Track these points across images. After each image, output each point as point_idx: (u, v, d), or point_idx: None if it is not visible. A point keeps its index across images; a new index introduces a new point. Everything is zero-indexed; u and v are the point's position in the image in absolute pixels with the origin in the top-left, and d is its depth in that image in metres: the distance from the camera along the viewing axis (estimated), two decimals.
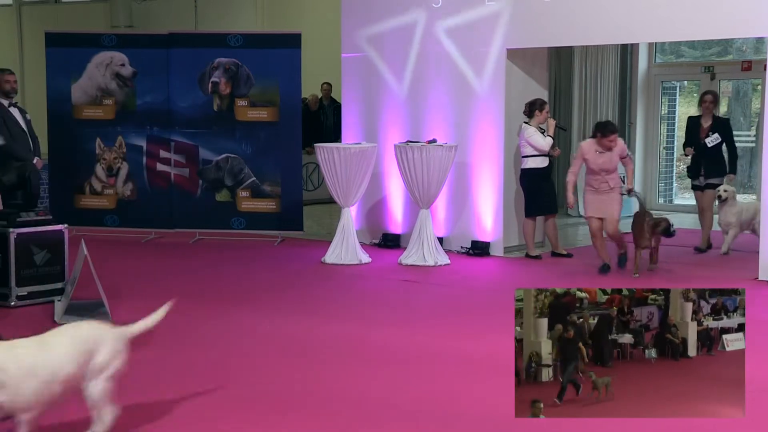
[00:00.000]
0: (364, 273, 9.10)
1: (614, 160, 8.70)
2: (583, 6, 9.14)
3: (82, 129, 11.15)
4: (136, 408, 4.97)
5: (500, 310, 7.26)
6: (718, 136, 9.87)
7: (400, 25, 10.29)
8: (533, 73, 10.07)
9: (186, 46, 11.03)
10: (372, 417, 4.86)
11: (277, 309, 7.42)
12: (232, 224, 11.01)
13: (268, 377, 5.56)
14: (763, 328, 6.52)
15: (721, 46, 14.27)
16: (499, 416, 4.76)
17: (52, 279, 7.57)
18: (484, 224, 9.85)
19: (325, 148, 9.61)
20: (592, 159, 8.68)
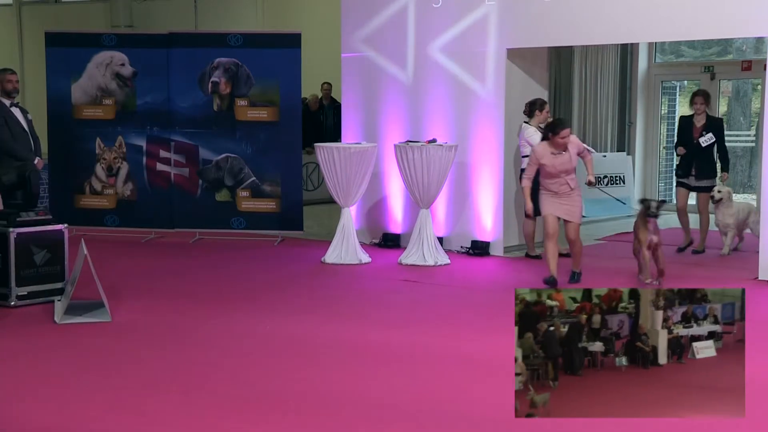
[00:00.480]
0: (364, 273, 9.10)
1: (573, 159, 8.19)
2: (583, 6, 9.13)
3: (82, 129, 11.15)
4: (136, 408, 4.97)
5: (500, 310, 7.26)
6: (712, 136, 9.79)
7: (400, 25, 10.29)
8: (533, 73, 10.07)
9: (186, 46, 11.03)
10: (372, 417, 4.86)
11: (277, 309, 7.42)
12: (232, 224, 11.01)
13: (268, 377, 5.56)
14: (763, 328, 6.53)
15: (721, 46, 14.27)
16: (499, 416, 4.76)
17: (52, 279, 7.57)
18: (484, 224, 9.85)
19: (325, 148, 9.60)
20: (549, 162, 8.09)
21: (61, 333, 6.64)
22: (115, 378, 5.53)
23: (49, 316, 7.05)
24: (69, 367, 5.77)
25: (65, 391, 5.27)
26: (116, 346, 6.29)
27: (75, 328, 6.74)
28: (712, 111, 11.19)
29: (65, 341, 6.40)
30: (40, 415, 4.87)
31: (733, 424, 4.46)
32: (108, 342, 6.38)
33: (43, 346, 6.28)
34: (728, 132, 14.14)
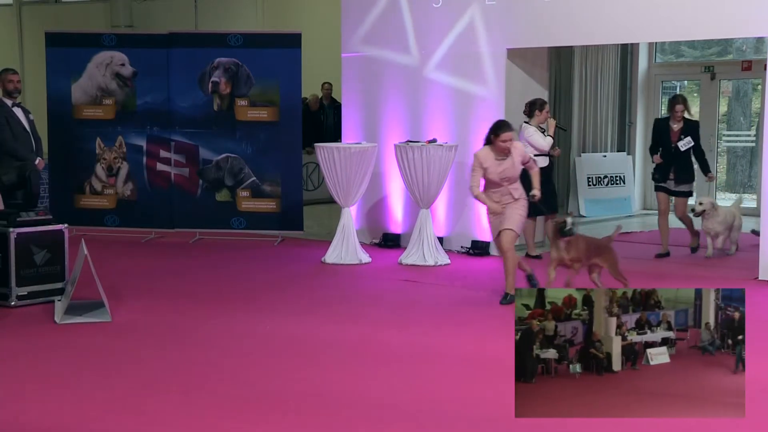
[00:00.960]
0: (364, 273, 9.10)
1: (517, 166, 7.52)
2: (583, 6, 9.13)
3: (82, 129, 11.15)
4: (136, 408, 4.97)
5: (500, 310, 7.26)
6: (690, 140, 9.56)
7: (399, 25, 10.29)
8: (533, 73, 10.07)
9: (186, 46, 11.03)
10: (372, 417, 4.86)
11: (277, 309, 7.42)
12: (232, 224, 11.01)
13: (268, 377, 5.56)
14: (763, 327, 6.53)
15: (721, 46, 14.26)
16: (499, 416, 4.76)
17: (52, 279, 7.57)
18: (484, 224, 9.84)
19: (325, 148, 9.61)
20: (492, 168, 7.50)
21: (61, 333, 6.64)
22: (115, 378, 5.53)
23: (49, 316, 7.05)
24: (69, 367, 5.77)
25: (65, 391, 5.27)
26: (116, 346, 6.29)
27: (75, 328, 6.74)
28: (715, 113, 11.13)
29: (65, 341, 6.40)
30: (40, 415, 4.87)
31: (733, 424, 4.46)
32: (108, 342, 6.38)
33: (43, 346, 6.28)
34: (728, 132, 14.19)
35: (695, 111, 12.08)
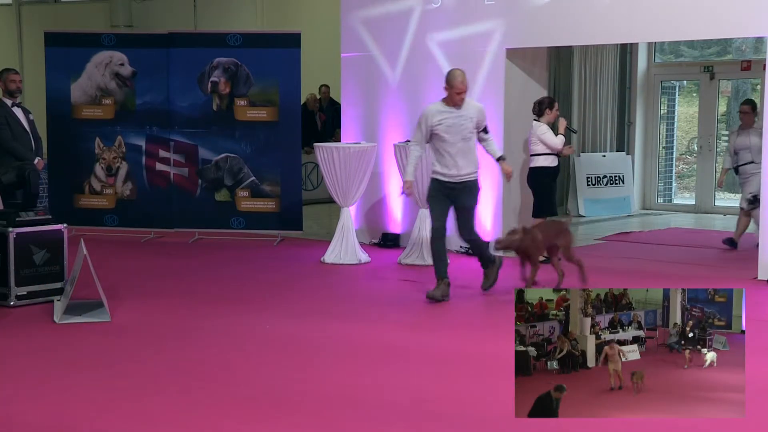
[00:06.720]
0: (363, 273, 9.10)
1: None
2: (583, 6, 9.13)
3: (82, 129, 11.15)
4: (135, 407, 4.97)
5: (500, 310, 7.26)
6: None
7: (399, 25, 10.29)
8: (533, 73, 10.07)
9: (185, 46, 11.02)
10: (372, 417, 4.86)
11: (277, 309, 7.42)
12: (231, 224, 11.01)
13: (268, 377, 5.56)
14: (763, 327, 6.53)
15: (721, 46, 14.27)
16: (499, 416, 4.76)
17: (51, 279, 7.57)
18: (484, 224, 9.84)
19: (325, 148, 9.61)
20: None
21: (61, 333, 6.63)
22: (114, 378, 5.52)
23: (49, 316, 7.04)
24: (69, 367, 5.77)
25: (65, 391, 5.27)
26: (116, 346, 6.28)
27: (74, 328, 6.74)
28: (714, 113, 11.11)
29: (65, 341, 6.40)
30: (40, 415, 4.87)
31: (733, 424, 4.47)
32: (107, 342, 6.38)
33: (42, 346, 6.28)
34: (727, 132, 14.18)
35: (693, 111, 12.06)
